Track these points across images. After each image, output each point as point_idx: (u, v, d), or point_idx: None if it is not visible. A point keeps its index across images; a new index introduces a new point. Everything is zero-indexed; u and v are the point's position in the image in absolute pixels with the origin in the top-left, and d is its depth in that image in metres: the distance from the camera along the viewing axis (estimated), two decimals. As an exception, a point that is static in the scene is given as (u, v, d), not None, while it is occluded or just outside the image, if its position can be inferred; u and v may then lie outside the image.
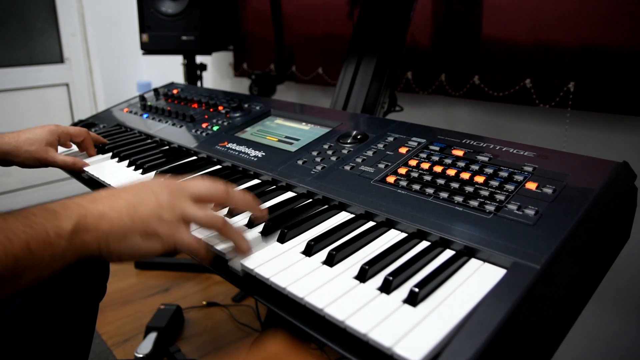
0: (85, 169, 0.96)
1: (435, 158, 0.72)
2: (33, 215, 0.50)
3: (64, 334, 0.81)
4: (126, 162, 0.97)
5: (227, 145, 0.96)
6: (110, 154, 1.03)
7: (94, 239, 0.52)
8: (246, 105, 1.13)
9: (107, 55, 2.88)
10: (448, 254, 0.56)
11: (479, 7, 1.33)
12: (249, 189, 0.79)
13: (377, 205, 0.65)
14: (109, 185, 0.88)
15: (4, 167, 0.95)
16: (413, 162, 0.72)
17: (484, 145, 0.73)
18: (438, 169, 0.69)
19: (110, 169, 0.95)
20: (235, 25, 2.18)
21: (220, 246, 0.61)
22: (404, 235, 0.61)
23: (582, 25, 1.13)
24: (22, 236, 0.47)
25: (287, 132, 0.97)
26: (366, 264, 0.53)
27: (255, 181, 0.84)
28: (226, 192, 0.60)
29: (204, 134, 1.04)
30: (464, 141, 0.75)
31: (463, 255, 0.55)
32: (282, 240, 0.62)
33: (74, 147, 1.08)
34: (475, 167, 0.67)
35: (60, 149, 1.05)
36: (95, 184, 0.94)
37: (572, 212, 0.54)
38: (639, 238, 0.84)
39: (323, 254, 0.58)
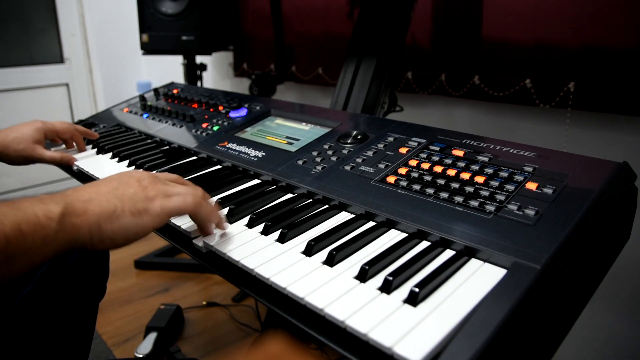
0: (77, 163, 0.99)
1: (436, 158, 0.72)
2: (19, 202, 0.50)
3: (64, 334, 0.81)
4: (126, 162, 0.97)
5: (227, 145, 0.96)
6: (111, 153, 1.03)
7: (84, 222, 0.51)
8: (246, 105, 1.13)
9: (107, 55, 2.88)
10: (448, 254, 0.56)
11: (479, 7, 1.33)
12: (249, 189, 0.79)
13: (377, 206, 0.65)
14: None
15: None
16: (413, 162, 0.72)
17: (484, 146, 0.73)
18: (438, 169, 0.69)
19: (111, 170, 0.95)
20: (235, 25, 2.18)
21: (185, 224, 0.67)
22: (404, 235, 0.61)
23: (582, 25, 1.13)
24: (12, 218, 0.46)
25: (287, 132, 0.97)
26: (366, 264, 0.53)
27: (255, 181, 0.84)
28: (194, 186, 0.64)
29: (204, 134, 1.05)
30: (464, 141, 0.75)
31: (463, 255, 0.55)
32: (282, 240, 0.62)
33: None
34: (475, 167, 0.67)
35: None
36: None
37: (572, 213, 0.54)
38: (639, 238, 0.84)
39: (323, 254, 0.58)
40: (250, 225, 0.67)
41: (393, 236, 0.61)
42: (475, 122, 1.48)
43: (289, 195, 0.76)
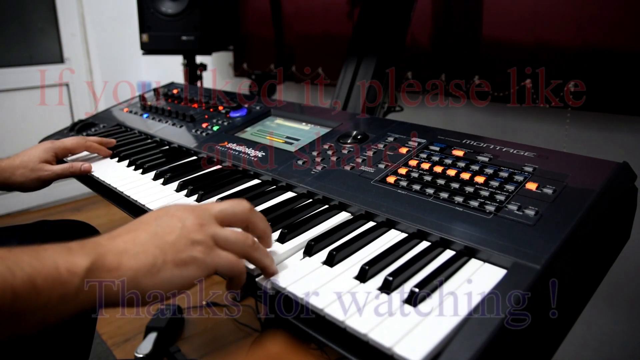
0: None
1: (436, 158, 0.72)
2: (43, 249, 0.43)
3: (64, 334, 0.81)
4: (126, 162, 0.97)
5: (227, 145, 0.96)
6: (110, 154, 1.03)
7: (116, 279, 0.45)
8: (246, 105, 1.13)
9: (107, 55, 2.88)
10: (448, 254, 0.56)
11: (479, 7, 1.33)
12: (249, 189, 0.79)
13: (377, 206, 0.65)
14: (108, 184, 0.88)
15: (7, 191, 0.94)
16: (413, 162, 0.72)
17: (484, 146, 0.73)
18: (438, 169, 0.69)
19: (111, 169, 0.95)
20: (235, 25, 2.18)
21: None
22: (404, 235, 0.61)
23: (582, 25, 1.13)
24: (26, 269, 0.40)
25: (287, 132, 0.97)
26: (366, 264, 0.53)
27: (255, 181, 0.83)
28: (250, 209, 0.56)
29: (204, 134, 1.04)
30: (464, 141, 0.75)
31: (463, 255, 0.55)
32: (282, 240, 0.62)
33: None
34: (475, 168, 0.67)
35: None
36: (94, 183, 0.94)
37: (572, 213, 0.54)
38: (639, 238, 0.84)
39: (323, 254, 0.58)
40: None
41: (393, 236, 0.61)
42: (475, 122, 1.48)
43: (289, 195, 0.76)
